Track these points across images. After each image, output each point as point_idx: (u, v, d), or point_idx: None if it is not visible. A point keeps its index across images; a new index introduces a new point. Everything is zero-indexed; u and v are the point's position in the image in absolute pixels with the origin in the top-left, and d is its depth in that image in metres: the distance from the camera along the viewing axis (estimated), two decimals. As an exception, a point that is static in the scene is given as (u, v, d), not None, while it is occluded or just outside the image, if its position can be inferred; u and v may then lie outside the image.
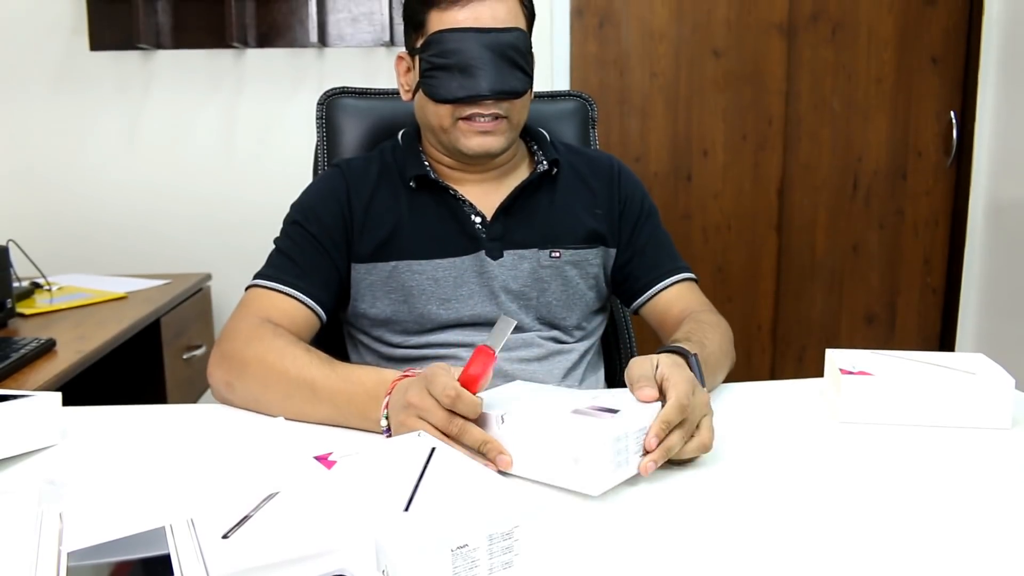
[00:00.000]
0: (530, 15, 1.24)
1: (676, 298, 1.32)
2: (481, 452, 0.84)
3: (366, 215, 1.25)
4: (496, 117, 1.20)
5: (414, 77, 1.24)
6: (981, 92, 2.75)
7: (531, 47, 1.22)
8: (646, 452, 0.83)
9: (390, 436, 0.93)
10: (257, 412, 1.06)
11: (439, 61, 1.17)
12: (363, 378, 0.99)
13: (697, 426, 0.87)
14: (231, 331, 1.13)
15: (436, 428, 0.85)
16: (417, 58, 1.21)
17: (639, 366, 0.91)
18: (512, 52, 1.18)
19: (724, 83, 2.77)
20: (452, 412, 0.85)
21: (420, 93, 1.23)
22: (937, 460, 0.89)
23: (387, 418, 0.93)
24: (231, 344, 1.11)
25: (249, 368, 1.07)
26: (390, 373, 0.98)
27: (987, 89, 2.75)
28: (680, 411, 0.84)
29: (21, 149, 2.59)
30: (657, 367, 0.90)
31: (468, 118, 1.20)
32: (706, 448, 0.87)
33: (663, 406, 0.85)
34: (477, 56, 1.16)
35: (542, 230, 1.28)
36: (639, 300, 1.34)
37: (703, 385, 0.95)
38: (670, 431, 0.84)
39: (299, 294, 1.19)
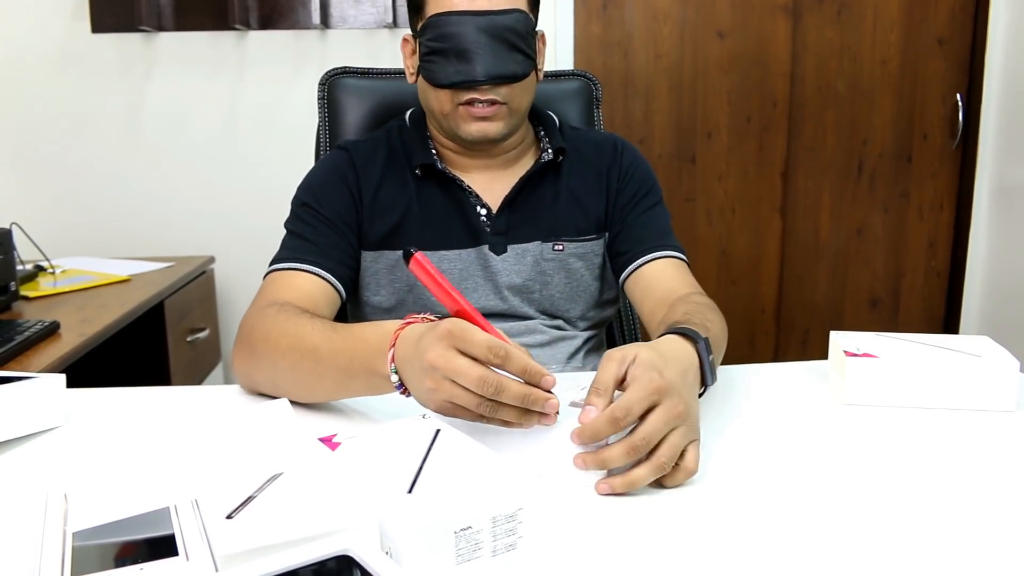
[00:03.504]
0: None
1: (661, 275, 1.23)
2: (523, 408, 0.76)
3: (375, 201, 1.24)
4: (493, 103, 1.18)
5: (417, 60, 1.22)
6: (988, 74, 2.73)
7: (534, 29, 1.20)
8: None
9: (406, 393, 0.85)
10: (278, 396, 1.00)
11: (436, 45, 1.15)
12: (365, 333, 0.92)
13: (683, 453, 0.78)
14: (243, 321, 1.09)
15: (469, 391, 0.75)
16: (418, 41, 1.20)
17: (605, 367, 0.80)
18: (510, 35, 1.15)
19: (728, 65, 2.75)
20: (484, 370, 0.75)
21: (421, 77, 1.21)
22: (941, 442, 0.89)
23: (396, 372, 0.85)
24: (242, 333, 1.07)
25: (258, 351, 1.02)
26: (392, 324, 0.89)
27: (994, 71, 2.72)
28: (611, 424, 0.75)
29: (23, 132, 2.59)
30: (633, 362, 0.79)
31: (468, 103, 1.18)
32: (690, 474, 0.78)
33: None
34: (473, 40, 1.13)
35: (546, 223, 1.27)
36: (622, 275, 1.27)
37: (711, 377, 0.88)
38: (602, 439, 0.76)
39: (317, 269, 1.16)
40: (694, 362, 0.87)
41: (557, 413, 0.79)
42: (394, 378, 0.85)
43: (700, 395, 0.88)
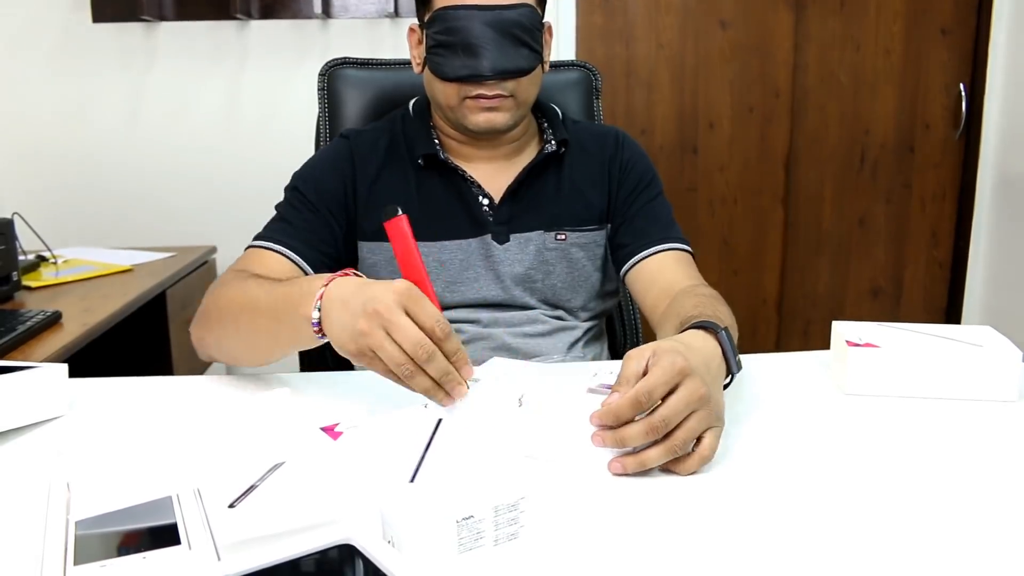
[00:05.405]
0: None
1: (663, 268, 1.23)
2: (435, 383, 0.79)
3: (371, 193, 1.24)
4: (499, 96, 1.18)
5: (423, 51, 1.22)
6: (991, 64, 2.72)
7: (540, 22, 1.20)
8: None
9: (320, 334, 0.86)
10: (227, 362, 1.09)
11: (443, 39, 1.16)
12: (301, 281, 0.94)
13: (700, 438, 0.79)
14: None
15: (400, 349, 0.78)
16: (424, 32, 1.20)
17: (628, 363, 0.80)
18: (517, 29, 1.15)
19: (731, 54, 2.75)
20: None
21: (427, 68, 1.21)
22: (943, 432, 0.89)
23: (319, 310, 0.86)
24: (202, 303, 1.10)
25: (209, 315, 1.07)
26: (330, 275, 0.89)
27: (997, 61, 2.71)
28: (633, 406, 0.75)
29: (25, 122, 2.58)
30: (654, 354, 0.79)
31: (474, 96, 1.18)
32: (704, 461, 0.79)
33: None
34: (479, 35, 1.14)
35: (548, 212, 1.27)
36: (623, 268, 1.27)
37: (736, 365, 0.88)
38: (623, 422, 0.76)
39: (288, 251, 1.18)
40: (717, 353, 0.87)
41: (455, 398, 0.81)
42: (315, 315, 0.86)
43: (727, 385, 0.88)
